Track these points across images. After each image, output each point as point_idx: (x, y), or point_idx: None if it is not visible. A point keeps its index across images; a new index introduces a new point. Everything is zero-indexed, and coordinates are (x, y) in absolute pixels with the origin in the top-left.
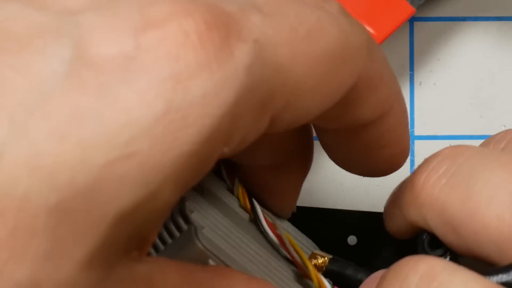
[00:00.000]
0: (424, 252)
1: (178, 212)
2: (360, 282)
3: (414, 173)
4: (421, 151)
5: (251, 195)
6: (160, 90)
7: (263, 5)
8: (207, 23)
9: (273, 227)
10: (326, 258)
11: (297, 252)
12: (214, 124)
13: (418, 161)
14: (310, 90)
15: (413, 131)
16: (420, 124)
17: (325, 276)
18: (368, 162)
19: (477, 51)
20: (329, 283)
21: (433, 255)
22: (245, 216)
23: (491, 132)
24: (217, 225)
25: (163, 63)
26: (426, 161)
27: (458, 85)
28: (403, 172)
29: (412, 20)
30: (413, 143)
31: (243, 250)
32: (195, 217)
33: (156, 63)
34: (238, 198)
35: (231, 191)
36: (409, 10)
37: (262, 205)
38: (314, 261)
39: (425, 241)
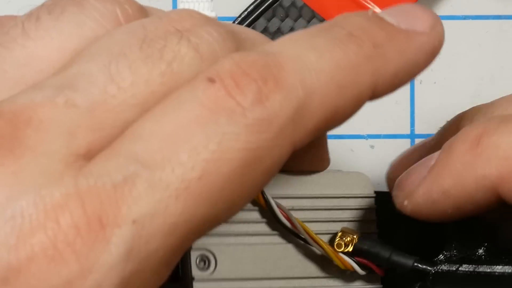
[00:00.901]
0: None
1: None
2: (388, 259)
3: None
4: None
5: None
6: None
7: (149, 157)
8: (77, 225)
9: (287, 216)
10: (355, 236)
11: (311, 237)
12: None
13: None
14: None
15: (413, 130)
16: (420, 123)
17: (354, 254)
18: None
19: (478, 49)
20: (354, 260)
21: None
22: (255, 208)
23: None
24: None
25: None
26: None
27: (459, 83)
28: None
29: None
30: (413, 141)
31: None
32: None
33: None
34: None
35: None
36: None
37: (296, 170)
38: (341, 240)
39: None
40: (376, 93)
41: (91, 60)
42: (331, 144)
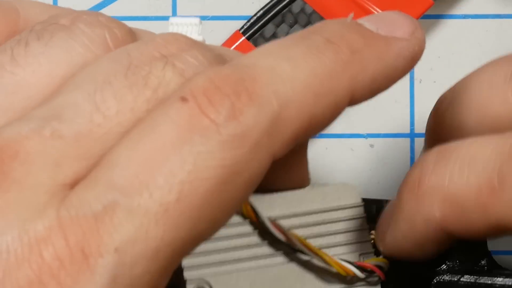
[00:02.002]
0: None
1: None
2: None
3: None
4: (420, 149)
5: (250, 202)
6: None
7: (126, 184)
8: (60, 255)
9: (280, 228)
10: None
11: (306, 246)
12: None
13: (417, 158)
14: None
15: (412, 129)
16: (420, 122)
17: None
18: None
19: (478, 48)
20: (354, 265)
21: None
22: (246, 223)
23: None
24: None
25: None
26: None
27: None
28: (403, 170)
29: None
30: (412, 140)
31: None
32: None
33: None
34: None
35: None
36: (426, 2)
37: (276, 189)
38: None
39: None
40: (354, 99)
41: (76, 89)
42: (331, 143)
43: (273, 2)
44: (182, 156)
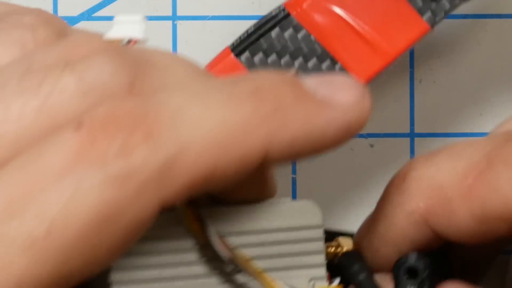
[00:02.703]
0: (401, 280)
1: None
2: (359, 284)
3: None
4: (420, 148)
5: (199, 214)
6: None
7: None
8: None
9: (226, 245)
10: (340, 249)
11: (249, 267)
12: None
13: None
14: None
15: (412, 129)
16: (420, 122)
17: (333, 267)
18: None
19: (478, 48)
20: None
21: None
22: (187, 236)
23: (491, 130)
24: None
25: None
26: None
27: (458, 82)
28: None
29: None
30: (412, 140)
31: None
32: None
33: None
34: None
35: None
36: (423, 27)
37: (234, 201)
38: (328, 249)
39: (402, 269)
40: (270, 158)
41: None
42: None
43: (265, 19)
44: (61, 188)
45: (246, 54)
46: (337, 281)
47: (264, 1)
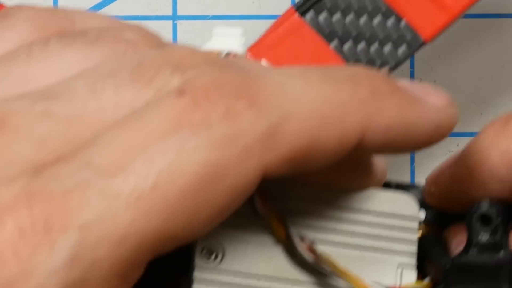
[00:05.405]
0: (474, 227)
1: None
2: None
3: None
4: None
5: (285, 221)
6: None
7: (103, 165)
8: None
9: (312, 249)
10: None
11: (337, 269)
12: None
13: (417, 158)
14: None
15: None
16: None
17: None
18: None
19: (478, 48)
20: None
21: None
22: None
23: None
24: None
25: None
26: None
27: (459, 82)
28: (403, 170)
29: None
30: None
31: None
32: None
33: None
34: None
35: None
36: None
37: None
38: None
39: (475, 216)
40: (365, 141)
41: (78, 77)
42: None
43: None
44: (166, 146)
45: (311, 13)
46: (427, 279)
47: (264, 1)
